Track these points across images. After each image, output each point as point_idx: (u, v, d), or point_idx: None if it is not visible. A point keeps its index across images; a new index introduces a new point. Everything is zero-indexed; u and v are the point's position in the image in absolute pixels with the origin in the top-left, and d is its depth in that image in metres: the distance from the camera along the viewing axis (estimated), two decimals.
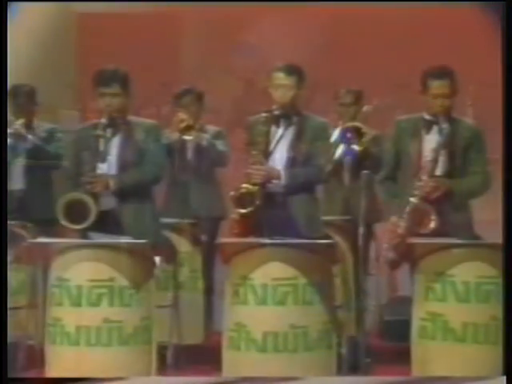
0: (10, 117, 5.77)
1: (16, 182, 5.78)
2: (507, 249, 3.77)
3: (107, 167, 4.72)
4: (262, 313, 4.32)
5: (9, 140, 5.63)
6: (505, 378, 3.48)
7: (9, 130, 5.66)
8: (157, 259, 4.61)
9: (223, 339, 4.43)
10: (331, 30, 6.96)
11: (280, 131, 4.77)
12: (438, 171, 4.70)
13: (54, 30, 6.87)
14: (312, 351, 4.30)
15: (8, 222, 5.13)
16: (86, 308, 4.35)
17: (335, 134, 5.37)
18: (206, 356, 5.08)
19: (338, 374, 4.41)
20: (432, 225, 4.58)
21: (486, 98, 6.14)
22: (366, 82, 6.17)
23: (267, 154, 4.74)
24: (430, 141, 4.73)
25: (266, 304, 4.31)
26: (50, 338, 4.43)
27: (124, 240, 4.58)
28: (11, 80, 5.95)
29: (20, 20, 6.50)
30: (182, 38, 7.07)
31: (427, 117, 4.77)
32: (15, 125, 5.74)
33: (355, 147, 5.57)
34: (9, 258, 5.35)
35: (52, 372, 4.42)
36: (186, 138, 5.77)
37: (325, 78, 6.11)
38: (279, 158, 4.75)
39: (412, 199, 4.62)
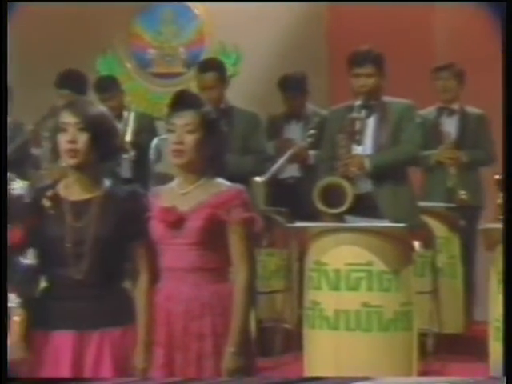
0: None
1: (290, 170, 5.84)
2: (507, 248, 3.37)
3: (362, 149, 4.63)
4: None
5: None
6: (505, 378, 3.22)
7: None
8: (415, 244, 4.46)
9: (490, 330, 4.17)
10: None
11: None
12: None
13: (305, 19, 6.90)
14: None
15: (262, 208, 5.19)
16: (345, 292, 4.29)
17: None
18: (467, 346, 4.88)
19: None
20: None
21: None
22: None
23: None
24: None
25: None
26: (308, 321, 4.42)
27: (382, 224, 4.47)
28: (263, 72, 6.02)
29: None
30: (435, 23, 6.83)
31: None
32: None
33: None
34: (264, 243, 5.42)
35: (310, 356, 4.39)
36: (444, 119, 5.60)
37: None
38: None
39: None
